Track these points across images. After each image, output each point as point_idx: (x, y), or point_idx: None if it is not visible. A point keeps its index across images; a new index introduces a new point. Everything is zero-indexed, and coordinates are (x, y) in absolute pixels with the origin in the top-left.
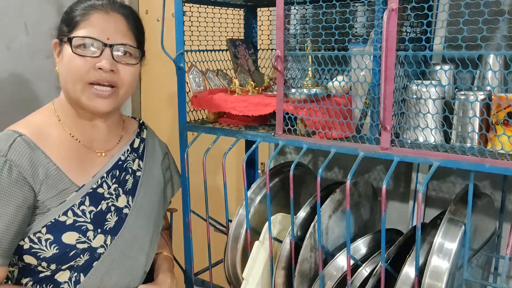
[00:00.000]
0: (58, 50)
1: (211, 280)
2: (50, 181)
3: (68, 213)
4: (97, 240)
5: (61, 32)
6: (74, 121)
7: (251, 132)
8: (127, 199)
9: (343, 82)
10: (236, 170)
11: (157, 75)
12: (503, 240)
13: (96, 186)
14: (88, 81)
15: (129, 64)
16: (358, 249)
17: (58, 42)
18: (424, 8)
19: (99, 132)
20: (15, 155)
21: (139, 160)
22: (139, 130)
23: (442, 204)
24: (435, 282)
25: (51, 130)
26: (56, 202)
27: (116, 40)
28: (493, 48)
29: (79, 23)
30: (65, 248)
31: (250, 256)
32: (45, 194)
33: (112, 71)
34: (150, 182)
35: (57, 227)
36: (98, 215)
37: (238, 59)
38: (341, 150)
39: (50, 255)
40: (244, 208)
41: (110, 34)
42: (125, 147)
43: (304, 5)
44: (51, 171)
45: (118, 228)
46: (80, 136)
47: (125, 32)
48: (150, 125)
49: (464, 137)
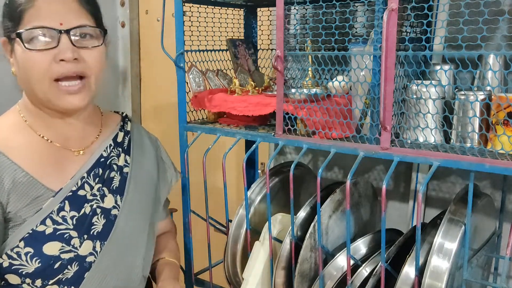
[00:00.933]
0: (9, 49)
1: (211, 280)
2: (19, 189)
3: (46, 221)
4: (84, 247)
5: (6, 29)
6: (43, 121)
7: (251, 132)
8: (115, 198)
9: (343, 82)
10: (236, 170)
11: (157, 75)
12: (503, 240)
13: (76, 188)
14: (52, 77)
15: (92, 48)
16: (358, 249)
17: (6, 40)
18: (424, 8)
19: (73, 128)
20: None
21: (125, 155)
22: (122, 123)
23: (442, 204)
24: (435, 282)
25: (16, 134)
26: (31, 211)
27: (71, 24)
28: (493, 48)
29: (24, 13)
30: (48, 260)
31: (250, 256)
32: (16, 204)
33: (76, 59)
34: (140, 178)
35: (36, 238)
36: (81, 220)
37: (238, 59)
38: (341, 150)
39: (32, 270)
40: (244, 208)
41: (62, 18)
42: (106, 142)
43: (304, 5)
44: (19, 178)
45: (108, 232)
46: (51, 136)
47: (78, 11)
48: (150, 125)
49: (464, 137)
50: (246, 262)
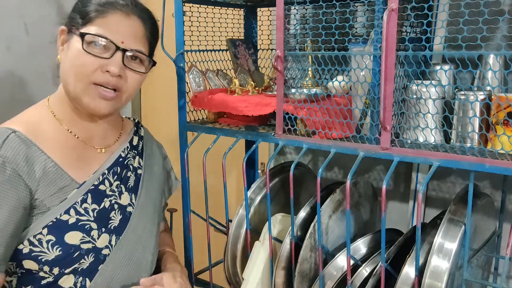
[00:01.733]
0: (64, 39)
1: (211, 280)
2: (48, 178)
3: (70, 211)
4: (102, 240)
5: (72, 22)
6: (72, 117)
7: (251, 132)
8: (130, 196)
9: (343, 82)
10: (236, 170)
11: (157, 75)
12: (503, 240)
13: (98, 183)
14: (93, 81)
15: (137, 72)
16: (358, 249)
17: (66, 31)
18: (424, 8)
19: (99, 128)
20: (9, 151)
21: (139, 158)
22: (136, 129)
23: (442, 204)
24: (435, 282)
25: (47, 126)
26: (56, 200)
27: (130, 45)
28: (493, 48)
29: (95, 18)
30: (69, 249)
31: (250, 256)
32: (44, 192)
33: (120, 76)
34: (151, 181)
35: (59, 226)
36: (101, 213)
37: (238, 59)
38: (341, 150)
39: (52, 257)
40: (244, 208)
41: (126, 38)
42: (124, 144)
43: (304, 5)
44: (49, 168)
45: (123, 227)
46: (78, 132)
47: (141, 38)
48: (150, 125)
49: (464, 137)
50: (246, 262)
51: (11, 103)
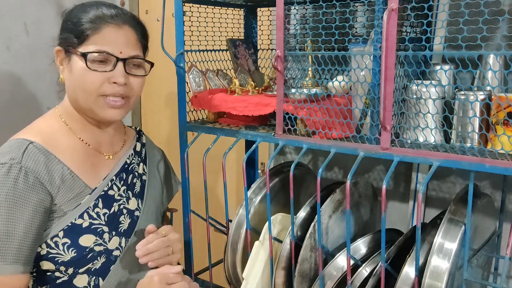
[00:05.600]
0: (63, 59)
1: (211, 280)
2: (66, 185)
3: (84, 216)
4: (113, 242)
5: (67, 42)
6: (82, 126)
7: (251, 132)
8: (137, 202)
9: (343, 82)
10: (236, 170)
11: (157, 75)
12: (503, 240)
13: (107, 188)
14: (101, 93)
15: (139, 76)
16: (358, 249)
17: (62, 51)
18: (424, 8)
19: (106, 135)
20: (30, 161)
21: (143, 164)
22: (138, 136)
23: (442, 204)
24: (435, 282)
25: (60, 135)
26: (72, 205)
27: (128, 54)
28: (493, 48)
29: (90, 36)
30: (83, 250)
31: (250, 256)
32: (62, 198)
33: (125, 84)
34: (154, 186)
35: (74, 230)
36: (111, 217)
37: (238, 59)
38: (341, 150)
39: (68, 259)
40: (244, 208)
41: (122, 48)
42: (129, 151)
43: (304, 5)
44: (66, 175)
45: (131, 230)
46: (89, 140)
47: (135, 44)
48: (150, 125)
49: (464, 137)
50: (246, 262)
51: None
